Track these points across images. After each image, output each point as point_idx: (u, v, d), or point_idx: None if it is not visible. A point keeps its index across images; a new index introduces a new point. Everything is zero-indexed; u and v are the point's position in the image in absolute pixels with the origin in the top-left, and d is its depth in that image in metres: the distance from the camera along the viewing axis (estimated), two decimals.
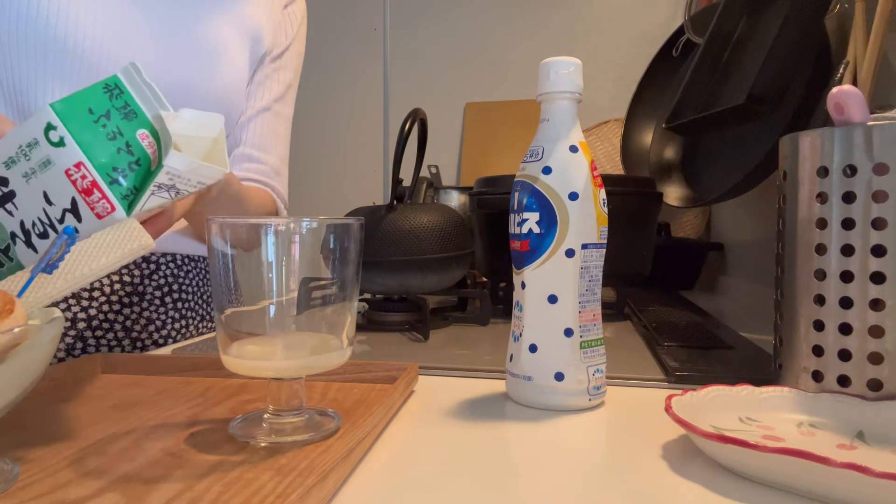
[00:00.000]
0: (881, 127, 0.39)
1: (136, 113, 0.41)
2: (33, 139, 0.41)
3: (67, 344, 0.67)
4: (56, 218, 0.42)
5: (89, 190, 0.41)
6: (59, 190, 0.41)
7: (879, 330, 0.39)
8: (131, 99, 0.41)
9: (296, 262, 0.37)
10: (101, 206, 0.41)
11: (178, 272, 0.77)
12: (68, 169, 0.40)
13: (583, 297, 0.44)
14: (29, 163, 0.41)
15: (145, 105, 0.42)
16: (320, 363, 0.37)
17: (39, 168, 0.41)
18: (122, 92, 0.41)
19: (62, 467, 0.33)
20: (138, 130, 0.41)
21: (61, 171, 0.41)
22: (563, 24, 1.83)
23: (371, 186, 2.03)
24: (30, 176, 0.42)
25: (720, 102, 0.84)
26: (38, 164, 0.41)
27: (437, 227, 0.75)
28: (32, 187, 0.42)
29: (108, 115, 0.41)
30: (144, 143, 0.41)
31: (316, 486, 0.28)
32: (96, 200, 0.41)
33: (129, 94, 0.41)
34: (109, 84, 0.41)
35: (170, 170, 0.40)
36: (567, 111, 0.45)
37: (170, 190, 0.41)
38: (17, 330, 0.28)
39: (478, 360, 0.58)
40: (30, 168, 0.41)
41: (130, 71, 0.42)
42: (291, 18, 0.85)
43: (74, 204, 0.42)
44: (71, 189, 0.41)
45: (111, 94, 0.41)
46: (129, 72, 0.42)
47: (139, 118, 0.42)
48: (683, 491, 0.31)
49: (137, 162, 0.41)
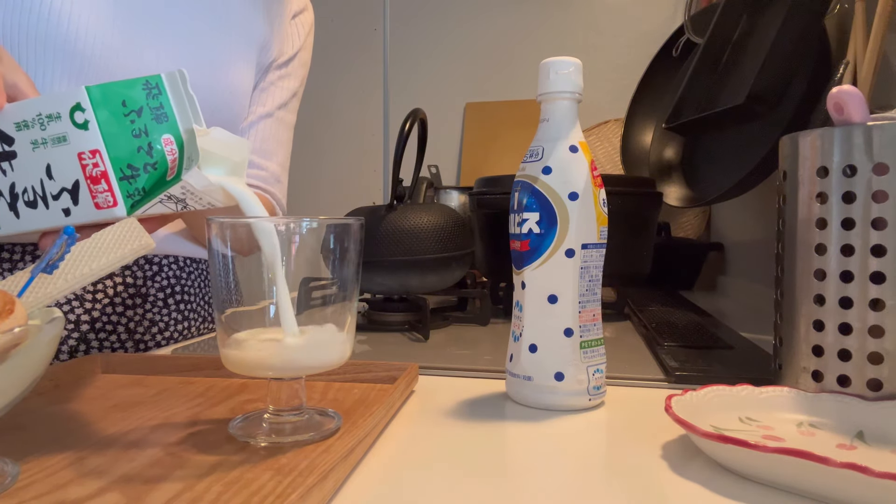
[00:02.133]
0: (881, 127, 0.39)
1: (168, 118, 0.41)
2: (56, 112, 0.40)
3: (70, 346, 0.67)
4: (52, 193, 0.42)
5: (97, 179, 0.40)
6: (65, 169, 0.41)
7: (879, 330, 0.39)
8: (167, 102, 0.41)
9: (296, 262, 0.37)
10: (103, 197, 0.40)
11: (180, 273, 0.77)
12: (82, 152, 0.40)
13: (583, 297, 0.44)
14: (43, 132, 0.41)
15: (180, 114, 0.41)
16: (320, 363, 0.37)
17: (52, 141, 0.41)
18: (160, 93, 0.41)
19: (62, 467, 0.33)
20: (164, 135, 0.41)
21: (74, 152, 0.40)
22: (563, 24, 1.83)
23: (371, 186, 2.03)
24: (38, 145, 0.41)
25: (720, 102, 0.84)
26: (51, 137, 0.41)
27: (437, 227, 0.75)
28: (37, 156, 0.41)
29: (139, 112, 0.40)
30: (167, 150, 0.41)
31: (316, 486, 0.28)
32: (100, 191, 0.40)
33: (166, 97, 0.41)
34: (150, 82, 0.41)
35: (186, 185, 0.39)
36: (567, 111, 0.45)
37: (178, 203, 0.41)
38: (17, 330, 0.28)
39: (478, 360, 0.58)
40: (41, 138, 0.41)
41: (175, 77, 0.41)
42: (299, 28, 0.85)
43: (76, 187, 0.41)
44: (78, 172, 0.40)
45: (149, 91, 0.41)
46: (174, 77, 0.41)
47: (169, 123, 0.41)
48: (683, 491, 0.31)
49: (154, 165, 0.41)
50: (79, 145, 0.40)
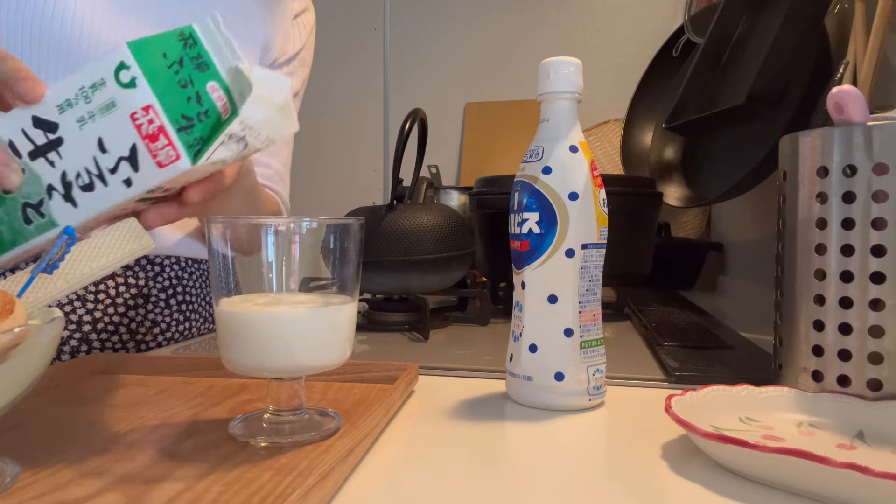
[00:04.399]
0: (881, 127, 0.39)
1: (208, 65, 0.40)
2: (100, 79, 0.39)
3: (72, 346, 0.67)
4: (108, 167, 0.40)
5: (154, 136, 0.39)
6: (119, 136, 0.40)
7: (879, 330, 0.39)
8: (204, 51, 0.40)
9: (296, 262, 0.37)
10: (164, 153, 0.39)
11: (182, 274, 0.77)
12: (134, 112, 0.39)
13: (583, 297, 0.44)
14: (88, 105, 0.40)
15: (218, 58, 0.40)
16: (320, 363, 0.37)
17: (100, 111, 0.40)
18: (195, 42, 0.40)
19: (62, 467, 0.33)
20: (209, 82, 0.40)
21: (126, 114, 0.39)
22: (563, 24, 1.83)
23: (371, 186, 2.03)
24: (85, 121, 0.40)
25: (720, 102, 0.84)
26: (98, 107, 0.40)
27: (437, 227, 0.75)
28: (85, 133, 0.40)
29: (181, 63, 0.39)
30: (214, 96, 0.40)
31: (316, 486, 0.28)
32: (160, 147, 0.39)
33: (202, 46, 0.40)
34: (185, 33, 0.40)
35: (244, 119, 0.38)
36: (567, 111, 0.45)
37: (239, 141, 0.40)
38: (17, 330, 0.28)
39: (478, 360, 0.58)
40: (88, 112, 0.40)
41: (208, 24, 0.40)
42: (301, 28, 0.85)
43: (134, 151, 0.40)
44: (133, 134, 0.39)
45: (185, 42, 0.40)
46: (207, 25, 0.40)
47: (210, 70, 0.40)
48: (683, 491, 0.31)
49: (206, 113, 0.40)
50: (130, 105, 0.39)
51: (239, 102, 0.39)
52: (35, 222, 0.42)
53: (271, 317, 0.36)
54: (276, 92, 0.40)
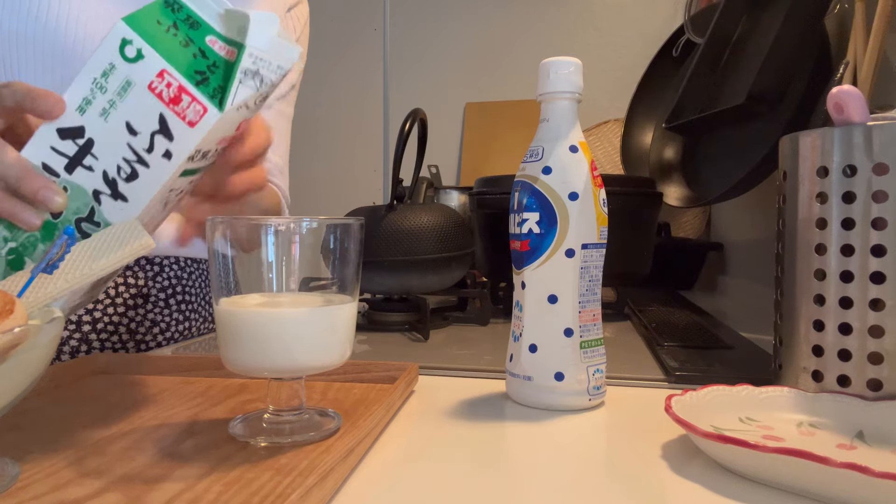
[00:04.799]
0: (881, 127, 0.39)
1: (200, 23, 0.40)
2: (108, 65, 0.39)
3: (72, 347, 0.67)
4: (144, 148, 0.40)
5: (177, 97, 0.39)
6: (144, 112, 0.40)
7: (879, 330, 0.39)
8: (191, 11, 0.40)
9: (296, 262, 0.37)
10: (192, 110, 0.39)
11: (181, 274, 0.77)
12: (151, 82, 0.39)
13: (583, 297, 0.44)
14: (105, 95, 0.40)
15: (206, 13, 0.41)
16: (320, 363, 0.37)
17: (118, 95, 0.40)
18: (181, 6, 0.40)
19: (62, 467, 0.33)
20: (206, 37, 0.40)
21: (144, 87, 0.39)
22: (563, 24, 1.83)
23: (371, 186, 2.03)
24: (108, 111, 0.40)
25: (720, 102, 0.84)
26: (116, 92, 0.40)
27: (437, 227, 0.75)
28: (112, 124, 0.40)
29: (175, 26, 0.40)
30: (216, 48, 0.40)
31: (316, 486, 0.28)
32: (186, 106, 0.39)
33: (187, 7, 0.40)
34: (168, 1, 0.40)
35: (252, 49, 0.39)
36: (567, 111, 0.45)
37: (255, 76, 0.40)
38: (17, 330, 0.28)
39: (478, 360, 0.58)
40: (108, 101, 0.40)
41: None
42: (295, 21, 0.85)
43: (163, 121, 0.40)
44: (157, 104, 0.40)
45: (172, 8, 0.40)
46: None
47: (203, 26, 0.40)
48: (683, 491, 0.31)
49: (214, 65, 0.40)
50: (145, 77, 0.39)
51: (241, 38, 0.40)
52: (90, 233, 0.42)
53: (271, 317, 0.36)
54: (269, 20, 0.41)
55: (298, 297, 0.37)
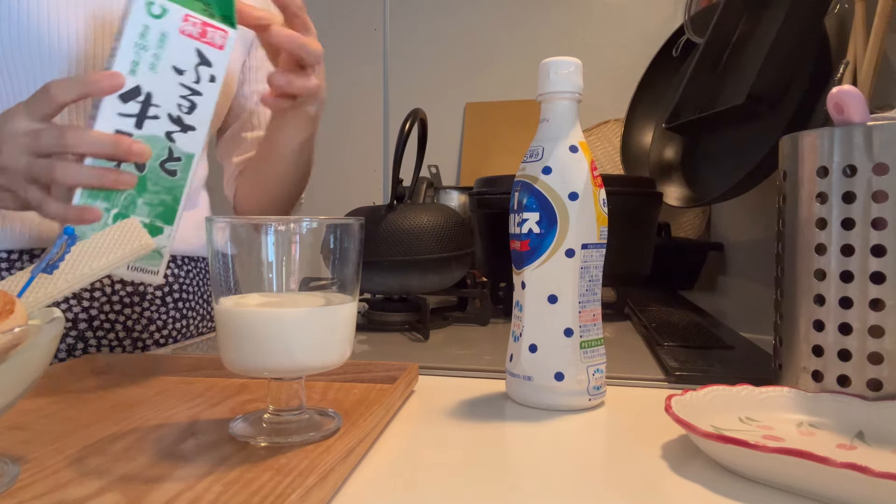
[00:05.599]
0: (881, 127, 0.39)
1: None
2: (143, 27, 0.47)
3: (69, 344, 0.67)
4: (193, 81, 0.50)
5: (203, 32, 0.49)
6: (183, 53, 0.49)
7: (879, 330, 0.39)
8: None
9: (296, 262, 0.37)
10: (218, 36, 0.50)
11: (178, 272, 0.77)
12: (181, 27, 0.49)
13: (583, 297, 0.44)
14: (149, 52, 0.48)
15: None
16: (320, 363, 0.37)
17: (159, 48, 0.48)
18: None
19: (62, 467, 0.33)
20: None
21: (177, 33, 0.48)
22: (563, 24, 1.83)
23: (371, 186, 2.02)
24: (155, 64, 0.48)
25: (720, 102, 0.84)
26: (156, 46, 0.48)
27: (437, 227, 0.75)
28: (161, 72, 0.49)
29: None
30: None
31: (316, 486, 0.28)
32: (212, 35, 0.50)
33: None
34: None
35: None
36: (567, 111, 0.45)
37: None
38: (17, 330, 0.28)
39: (478, 360, 0.58)
40: (152, 55, 0.48)
41: None
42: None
43: (200, 54, 0.50)
44: (191, 43, 0.49)
45: None
46: None
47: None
48: (683, 491, 0.31)
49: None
50: (175, 25, 0.48)
51: None
52: (177, 170, 0.51)
53: (271, 317, 0.36)
54: None
55: (298, 297, 0.37)
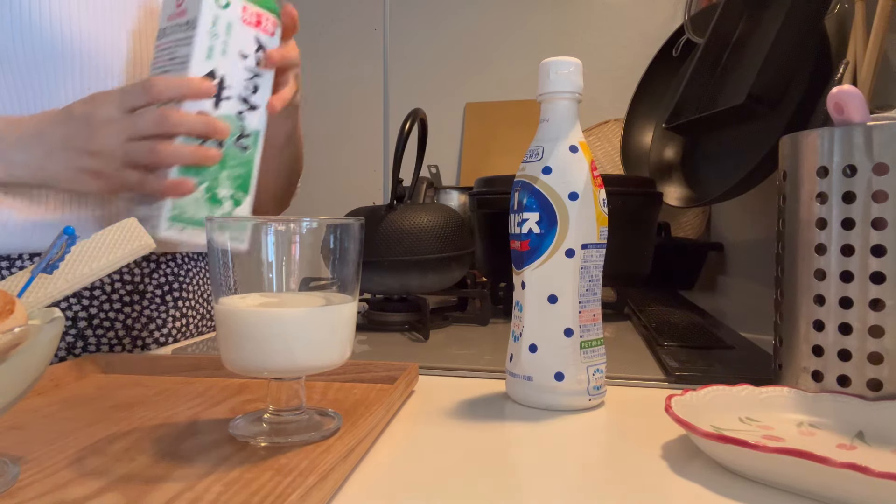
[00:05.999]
0: (881, 127, 0.39)
1: None
2: (213, 16, 0.54)
3: (68, 343, 0.67)
4: (253, 64, 0.57)
5: (258, 21, 0.57)
6: (245, 39, 0.56)
7: (879, 330, 0.39)
8: None
9: (296, 262, 0.37)
10: (269, 24, 0.58)
11: (178, 271, 0.77)
12: (242, 17, 0.55)
13: (583, 297, 0.44)
14: (219, 38, 0.54)
15: None
16: (320, 363, 0.37)
17: (227, 35, 0.54)
18: None
19: (62, 467, 0.33)
20: None
21: (239, 22, 0.55)
22: (563, 24, 1.83)
23: (371, 186, 2.02)
24: (225, 49, 0.55)
25: (720, 102, 0.84)
26: (225, 33, 0.54)
27: (437, 227, 0.75)
28: (230, 56, 0.55)
29: None
30: None
31: (316, 486, 0.28)
32: (265, 24, 0.57)
33: None
34: None
35: None
36: (567, 111, 0.45)
37: None
38: (17, 330, 0.28)
39: (478, 360, 0.58)
40: (222, 42, 0.54)
41: None
42: None
43: (258, 40, 0.57)
44: (251, 31, 0.56)
45: None
46: None
47: None
48: (683, 491, 0.31)
49: None
50: (238, 16, 0.55)
51: None
52: (248, 145, 0.58)
53: (271, 316, 0.36)
54: None
55: (298, 296, 0.37)
